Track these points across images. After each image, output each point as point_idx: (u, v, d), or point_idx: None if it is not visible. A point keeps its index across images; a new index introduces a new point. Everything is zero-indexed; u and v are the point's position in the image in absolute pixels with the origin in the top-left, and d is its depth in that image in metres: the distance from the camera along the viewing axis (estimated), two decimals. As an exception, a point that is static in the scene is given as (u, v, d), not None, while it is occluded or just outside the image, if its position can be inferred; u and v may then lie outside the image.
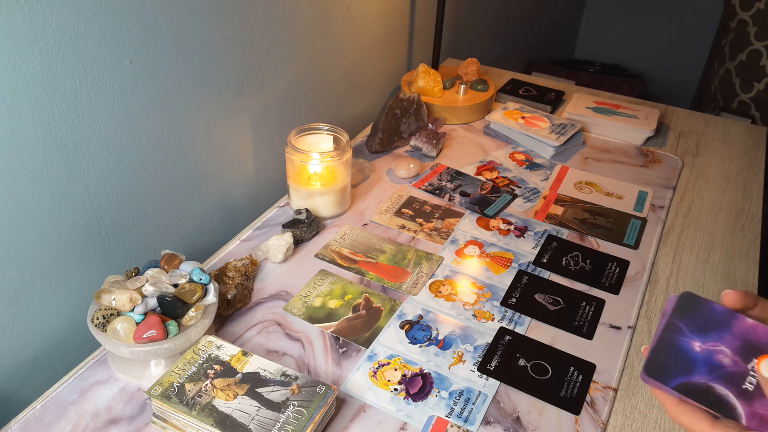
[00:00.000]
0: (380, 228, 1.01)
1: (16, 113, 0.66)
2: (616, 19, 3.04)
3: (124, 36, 0.75)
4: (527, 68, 2.47)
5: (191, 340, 0.71)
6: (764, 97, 2.01)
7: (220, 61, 0.91)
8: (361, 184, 1.12)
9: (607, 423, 0.72)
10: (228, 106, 0.96)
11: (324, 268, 0.92)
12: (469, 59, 1.38)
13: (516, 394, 0.74)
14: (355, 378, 0.75)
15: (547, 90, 1.47)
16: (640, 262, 0.96)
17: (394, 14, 1.36)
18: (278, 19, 1.00)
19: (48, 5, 0.65)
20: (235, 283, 0.84)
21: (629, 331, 0.84)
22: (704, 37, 2.69)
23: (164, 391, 0.66)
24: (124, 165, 0.82)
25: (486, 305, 0.87)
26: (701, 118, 1.41)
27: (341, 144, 1.01)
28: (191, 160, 0.92)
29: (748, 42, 2.02)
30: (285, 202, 1.06)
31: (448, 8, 1.58)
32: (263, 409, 0.65)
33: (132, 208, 0.85)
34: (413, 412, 0.71)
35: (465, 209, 1.06)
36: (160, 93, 0.83)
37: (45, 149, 0.71)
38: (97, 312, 0.70)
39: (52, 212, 0.74)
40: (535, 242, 0.99)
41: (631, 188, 1.14)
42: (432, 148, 1.19)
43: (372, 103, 1.40)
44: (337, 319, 0.83)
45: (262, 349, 0.78)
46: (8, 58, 0.64)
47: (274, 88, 1.05)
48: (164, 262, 0.76)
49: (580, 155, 1.24)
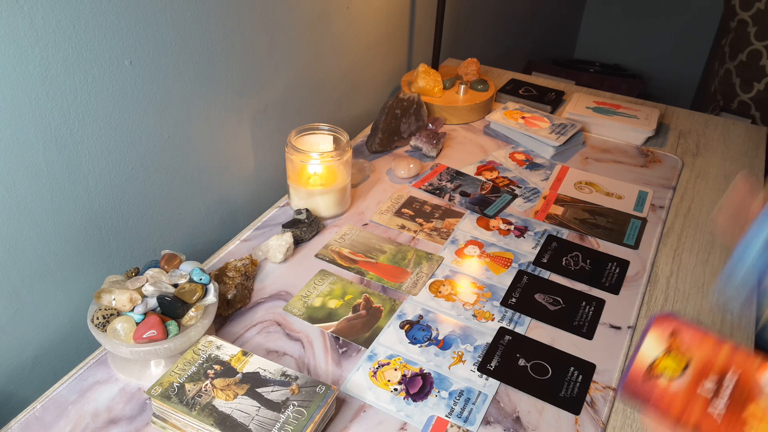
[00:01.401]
0: (380, 228, 1.01)
1: (16, 113, 0.66)
2: (616, 19, 3.04)
3: (124, 36, 0.75)
4: (527, 68, 2.47)
5: (191, 340, 0.71)
6: (764, 97, 2.01)
7: (220, 61, 0.91)
8: (361, 184, 1.12)
9: (607, 423, 0.72)
10: (228, 106, 0.96)
11: (324, 268, 0.92)
12: (469, 59, 1.38)
13: (516, 394, 0.74)
14: (355, 378, 0.75)
15: (547, 90, 1.47)
16: (640, 262, 0.96)
17: (394, 14, 1.36)
18: (278, 19, 1.00)
19: (48, 5, 0.65)
20: (235, 283, 0.84)
21: (629, 331, 0.84)
22: (704, 37, 2.69)
23: (164, 391, 0.66)
24: (124, 165, 0.82)
25: (486, 305, 0.87)
26: (701, 118, 1.41)
27: (341, 144, 1.01)
28: (191, 160, 0.92)
29: (748, 42, 2.02)
30: (285, 202, 1.06)
31: (448, 8, 1.58)
32: (263, 409, 0.65)
33: (132, 208, 0.85)
34: (413, 412, 0.71)
35: (465, 209, 1.06)
36: (160, 93, 0.83)
37: (45, 149, 0.71)
38: (97, 312, 0.70)
39: (52, 212, 0.74)
40: (535, 242, 0.99)
41: (631, 188, 1.14)
42: (432, 148, 1.19)
43: (372, 103, 1.40)
44: (337, 319, 0.83)
45: (262, 349, 0.78)
46: (8, 58, 0.64)
47: (274, 88, 1.05)
48: (164, 262, 0.76)
49: (580, 155, 1.24)
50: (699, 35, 2.77)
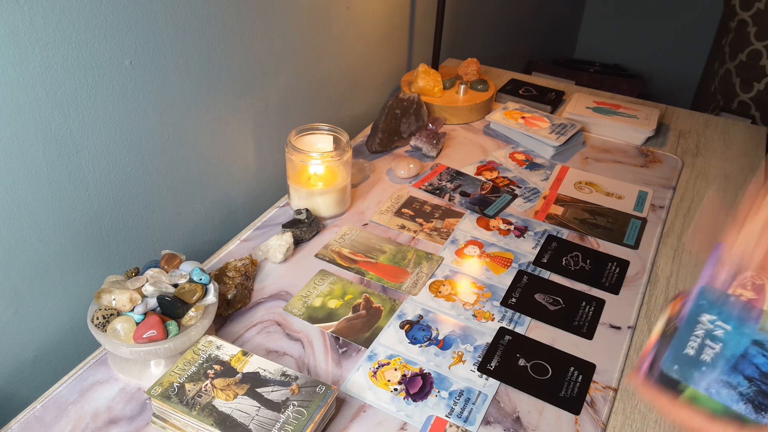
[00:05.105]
0: (380, 228, 1.01)
1: (16, 113, 0.66)
2: (616, 19, 3.03)
3: (124, 36, 0.75)
4: (527, 68, 2.47)
5: (191, 340, 0.71)
6: (764, 97, 2.01)
7: (220, 61, 0.91)
8: (361, 184, 1.12)
9: (607, 423, 0.72)
10: (228, 105, 0.96)
11: (324, 268, 0.92)
12: (469, 59, 1.38)
13: (516, 394, 0.74)
14: (355, 378, 0.75)
15: (547, 90, 1.47)
16: (640, 262, 0.96)
17: (394, 14, 1.36)
18: (278, 19, 1.00)
19: (48, 5, 0.65)
20: (235, 283, 0.84)
21: (629, 331, 0.84)
22: (704, 37, 2.69)
23: (164, 391, 0.66)
24: (124, 165, 0.82)
25: (486, 305, 0.87)
26: (701, 118, 1.41)
27: (341, 144, 1.01)
28: (191, 160, 0.92)
29: (748, 42, 2.02)
30: (285, 202, 1.06)
31: (448, 8, 1.57)
32: (263, 409, 0.65)
33: (132, 208, 0.85)
34: (413, 412, 0.71)
35: (465, 209, 1.06)
36: (160, 93, 0.83)
37: (45, 149, 0.71)
38: (97, 312, 0.70)
39: (52, 212, 0.74)
40: (535, 242, 0.99)
41: (631, 188, 1.14)
42: (432, 148, 1.19)
43: (372, 103, 1.40)
44: (337, 319, 0.83)
45: (262, 349, 0.79)
46: (8, 58, 0.64)
47: (275, 88, 1.05)
48: (164, 262, 0.76)
49: (580, 155, 1.24)
50: (699, 35, 2.77)
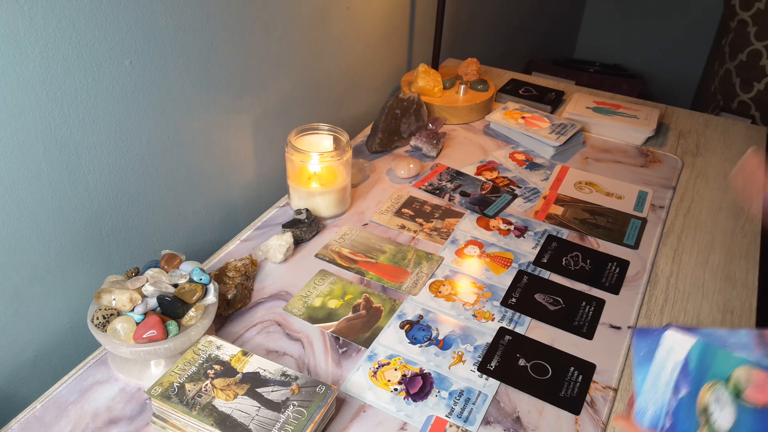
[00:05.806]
0: (380, 228, 1.01)
1: (16, 113, 0.66)
2: (616, 19, 3.03)
3: (124, 36, 0.75)
4: (527, 68, 2.47)
5: (191, 340, 0.71)
6: (764, 97, 2.01)
7: (220, 61, 0.91)
8: (361, 184, 1.12)
9: (607, 423, 0.72)
10: (228, 106, 0.96)
11: (324, 268, 0.92)
12: (469, 59, 1.38)
13: (516, 394, 0.74)
14: (355, 378, 0.75)
15: (547, 90, 1.47)
16: (640, 262, 0.96)
17: (394, 14, 1.36)
18: (278, 19, 1.00)
19: (48, 5, 0.65)
20: (235, 283, 0.84)
21: (629, 331, 0.84)
22: (704, 37, 2.69)
23: (164, 391, 0.66)
24: (124, 165, 0.82)
25: (486, 305, 0.87)
26: (701, 118, 1.41)
27: (341, 144, 1.01)
28: (191, 160, 0.92)
29: (748, 42, 2.02)
30: (285, 202, 1.06)
31: (448, 8, 1.57)
32: (263, 409, 0.65)
33: (132, 208, 0.85)
34: (413, 412, 0.71)
35: (465, 209, 1.06)
36: (160, 93, 0.83)
37: (45, 149, 0.71)
38: (97, 312, 0.70)
39: (52, 212, 0.74)
40: (535, 242, 0.99)
41: (631, 188, 1.14)
42: (432, 148, 1.19)
43: (372, 103, 1.40)
44: (337, 319, 0.83)
45: (262, 349, 0.78)
46: (8, 58, 0.64)
47: (274, 88, 1.05)
48: (164, 262, 0.76)
49: (580, 155, 1.24)
50: (699, 35, 2.77)
